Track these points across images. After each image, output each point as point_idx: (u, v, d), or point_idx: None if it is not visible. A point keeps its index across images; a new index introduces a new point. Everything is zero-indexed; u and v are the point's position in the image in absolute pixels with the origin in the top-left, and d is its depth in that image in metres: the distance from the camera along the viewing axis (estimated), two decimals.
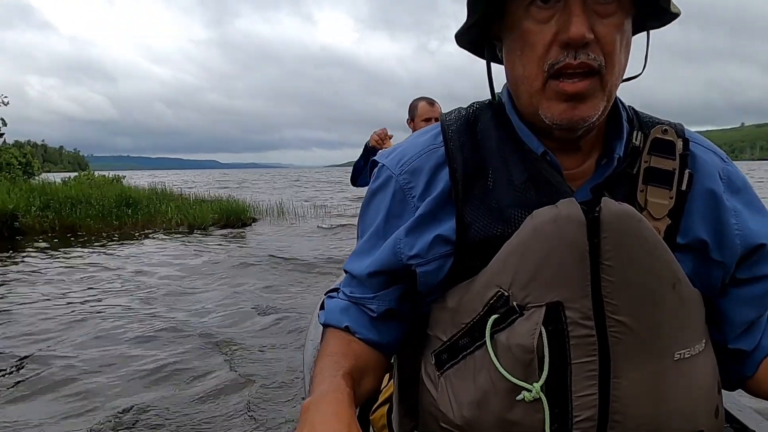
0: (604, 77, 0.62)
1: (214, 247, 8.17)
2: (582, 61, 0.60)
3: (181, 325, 4.05)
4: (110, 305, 4.71)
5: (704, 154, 0.71)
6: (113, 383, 3.03)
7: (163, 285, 5.53)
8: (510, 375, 0.61)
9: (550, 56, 0.61)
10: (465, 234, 0.68)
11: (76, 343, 3.69)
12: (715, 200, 0.69)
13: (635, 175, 0.68)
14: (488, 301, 0.64)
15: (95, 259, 7.20)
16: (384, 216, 0.74)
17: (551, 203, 0.64)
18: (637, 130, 0.70)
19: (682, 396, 0.64)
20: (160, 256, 7.39)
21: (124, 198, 11.20)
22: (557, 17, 0.60)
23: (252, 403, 2.74)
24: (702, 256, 0.69)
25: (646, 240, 0.62)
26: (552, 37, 0.61)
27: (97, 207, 10.50)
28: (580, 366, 0.61)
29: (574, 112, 0.62)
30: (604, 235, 0.61)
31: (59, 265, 6.65)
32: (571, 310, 0.61)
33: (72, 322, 4.18)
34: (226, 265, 6.52)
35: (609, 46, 0.61)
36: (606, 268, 0.61)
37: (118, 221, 10.30)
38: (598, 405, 0.61)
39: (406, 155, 0.74)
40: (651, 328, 0.62)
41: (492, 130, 0.71)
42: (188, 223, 10.51)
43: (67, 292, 5.20)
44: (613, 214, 0.61)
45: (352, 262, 0.77)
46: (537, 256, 0.62)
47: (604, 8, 0.60)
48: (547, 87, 0.63)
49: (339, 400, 0.60)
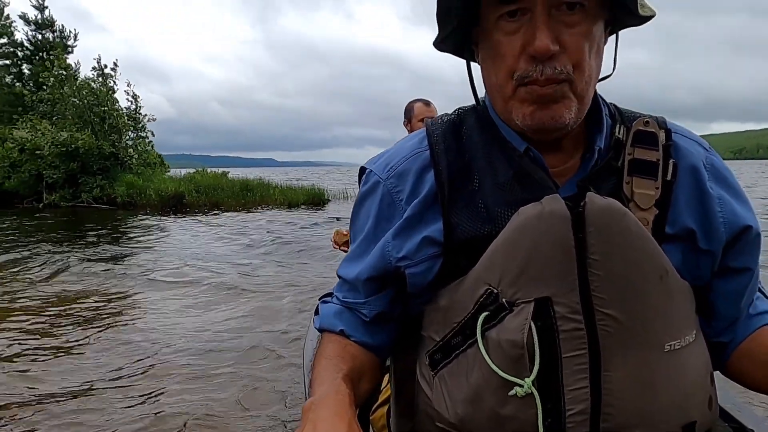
0: (574, 83, 0.63)
1: (305, 216, 13.32)
2: (548, 76, 0.62)
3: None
4: (240, 246, 8.46)
5: (687, 144, 0.72)
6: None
7: (277, 235, 9.41)
8: (501, 371, 0.62)
9: (518, 67, 0.63)
10: (452, 234, 0.69)
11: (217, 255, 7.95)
12: (699, 189, 0.70)
13: (620, 167, 0.69)
14: (478, 299, 0.65)
15: (230, 221, 12.19)
16: (373, 220, 0.75)
17: (537, 200, 0.64)
18: (620, 124, 0.71)
19: (674, 387, 0.64)
20: (272, 220, 12.18)
21: (245, 185, 16.90)
22: (524, 29, 0.62)
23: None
24: (690, 246, 0.69)
25: (632, 232, 0.62)
26: (520, 48, 0.63)
27: (228, 191, 16.19)
28: (571, 360, 0.61)
29: (544, 112, 0.64)
30: (589, 229, 0.61)
31: (209, 225, 11.60)
32: (560, 305, 0.61)
33: (218, 254, 7.91)
34: (311, 221, 11.66)
35: (576, 55, 0.62)
36: (593, 262, 0.61)
37: (244, 200, 15.95)
38: (590, 398, 0.61)
39: (393, 160, 0.75)
40: (640, 320, 0.62)
41: (476, 132, 0.73)
42: (288, 201, 16.02)
43: (216, 239, 9.39)
44: (597, 207, 0.62)
45: (344, 268, 0.79)
46: (524, 253, 0.63)
47: (569, 18, 0.62)
48: (517, 92, 0.65)
49: (340, 401, 0.61)
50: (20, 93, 20.77)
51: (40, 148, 16.80)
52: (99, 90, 17.92)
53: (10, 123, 19.83)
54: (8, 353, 3.54)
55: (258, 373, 3.17)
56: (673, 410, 0.64)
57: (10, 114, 20.59)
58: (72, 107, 17.53)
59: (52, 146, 16.62)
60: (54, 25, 23.41)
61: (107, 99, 17.97)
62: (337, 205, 16.54)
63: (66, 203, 17.03)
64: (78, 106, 17.48)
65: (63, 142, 16.48)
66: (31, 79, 22.62)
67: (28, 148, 17.22)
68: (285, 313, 4.44)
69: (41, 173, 17.23)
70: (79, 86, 17.84)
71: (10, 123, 19.83)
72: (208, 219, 12.79)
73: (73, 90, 17.64)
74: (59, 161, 16.92)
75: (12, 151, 17.66)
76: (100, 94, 17.80)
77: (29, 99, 18.98)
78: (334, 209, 15.08)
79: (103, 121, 17.67)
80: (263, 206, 15.83)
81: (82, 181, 17.29)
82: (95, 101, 17.57)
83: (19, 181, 17.53)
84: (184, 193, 15.76)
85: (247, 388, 2.96)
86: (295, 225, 11.06)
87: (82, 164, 17.14)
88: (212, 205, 15.64)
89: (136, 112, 19.22)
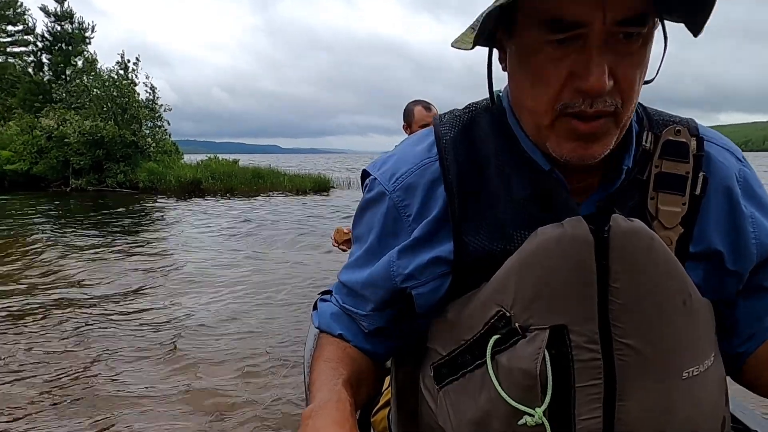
0: (620, 115, 0.58)
1: (311, 201, 14.84)
2: (597, 109, 0.56)
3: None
4: (246, 225, 10.32)
5: (719, 155, 0.67)
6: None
7: (283, 217, 11.59)
8: (512, 399, 0.59)
9: (563, 97, 0.57)
10: (463, 254, 0.65)
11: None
12: (731, 206, 0.65)
13: (645, 181, 0.64)
14: (489, 320, 0.62)
15: (242, 206, 13.65)
16: (378, 233, 0.72)
17: (556, 221, 0.60)
18: (647, 131, 0.66)
19: (689, 414, 0.61)
20: (281, 205, 13.86)
21: (257, 172, 18.27)
22: (573, 57, 0.55)
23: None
24: (716, 265, 0.65)
25: (658, 258, 0.59)
26: (566, 76, 0.56)
27: (241, 178, 17.56)
28: (585, 389, 0.58)
29: (586, 151, 0.59)
30: (613, 255, 0.57)
31: (224, 208, 13.25)
32: (576, 334, 0.58)
33: (227, 235, 9.43)
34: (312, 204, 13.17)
35: (628, 88, 0.57)
36: (614, 290, 0.58)
37: (255, 186, 17.30)
38: (602, 428, 0.58)
39: (399, 170, 0.70)
40: (660, 350, 0.59)
41: (491, 140, 0.68)
42: (295, 188, 17.37)
43: (225, 220, 11.29)
44: (623, 233, 0.58)
45: (346, 274, 0.76)
46: (540, 276, 0.59)
47: (625, 48, 0.55)
48: (557, 123, 0.59)
49: (340, 409, 0.60)
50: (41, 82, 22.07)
51: (67, 137, 18.19)
52: (120, 82, 19.27)
53: (31, 111, 21.20)
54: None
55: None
56: None
57: (32, 102, 21.94)
58: (96, 99, 18.92)
59: (78, 135, 18.03)
60: (73, 17, 24.63)
61: (129, 91, 19.34)
62: (341, 191, 17.92)
63: (92, 187, 18.57)
64: (101, 98, 18.86)
65: (89, 131, 17.91)
66: (51, 69, 23.92)
67: (56, 136, 18.61)
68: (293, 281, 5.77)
69: (68, 159, 18.67)
70: (102, 78, 19.21)
71: (31, 111, 21.20)
72: (225, 203, 14.21)
73: (96, 82, 19.03)
74: (85, 149, 18.36)
75: (39, 139, 19.07)
76: (122, 86, 19.16)
77: (56, 91, 20.35)
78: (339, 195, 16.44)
79: (125, 111, 19.01)
80: (273, 191, 17.19)
81: (107, 167, 18.76)
82: (118, 93, 18.94)
83: (47, 166, 18.96)
84: (201, 180, 17.16)
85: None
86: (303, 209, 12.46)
87: (106, 151, 18.58)
88: (227, 191, 17.01)
89: (154, 102, 20.51)
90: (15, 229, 9.11)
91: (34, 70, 24.68)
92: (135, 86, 19.92)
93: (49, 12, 24.22)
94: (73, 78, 20.13)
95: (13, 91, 23.40)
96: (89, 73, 20.87)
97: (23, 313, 4.30)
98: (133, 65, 20.03)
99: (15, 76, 24.02)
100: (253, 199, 15.41)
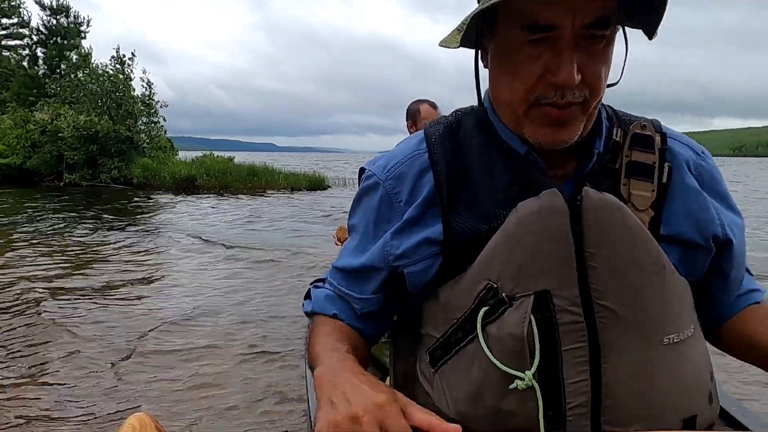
0: (587, 104, 0.65)
1: (306, 199, 14.85)
2: (568, 100, 0.63)
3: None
4: (240, 221, 10.78)
5: (681, 149, 0.74)
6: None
7: (277, 214, 11.94)
8: (502, 364, 0.62)
9: (537, 89, 0.64)
10: (452, 235, 0.69)
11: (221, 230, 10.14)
12: (695, 193, 0.71)
13: (617, 169, 0.70)
14: (478, 295, 0.65)
15: (237, 203, 13.85)
16: (373, 220, 0.76)
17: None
18: (617, 127, 0.72)
19: (673, 380, 0.64)
20: (275, 203, 14.04)
21: (252, 170, 18.19)
22: (547, 56, 0.62)
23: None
24: (686, 245, 0.70)
25: (629, 227, 0.63)
26: (540, 72, 0.63)
27: (236, 175, 17.48)
28: (571, 352, 0.62)
29: (557, 135, 0.65)
30: (586, 222, 0.62)
31: (219, 204, 13.31)
32: (559, 298, 0.62)
33: (223, 233, 9.64)
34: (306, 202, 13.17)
35: (594, 82, 0.64)
36: (590, 255, 0.62)
37: (250, 184, 17.23)
38: (590, 391, 0.61)
39: (391, 161, 0.76)
40: (638, 313, 0.62)
41: (474, 134, 0.73)
42: (290, 186, 17.31)
43: (219, 217, 11.26)
44: (594, 201, 0.63)
45: (343, 260, 0.80)
46: (523, 247, 0.63)
47: (593, 48, 0.62)
48: (532, 112, 0.66)
49: (354, 365, 0.64)
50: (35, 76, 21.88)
51: (61, 131, 18.04)
52: (116, 77, 19.14)
53: (25, 104, 21.02)
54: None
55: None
56: (674, 404, 0.64)
57: (26, 96, 21.76)
58: (90, 93, 18.78)
59: (72, 129, 17.89)
60: (69, 11, 24.45)
61: (124, 86, 19.20)
62: (336, 190, 17.89)
63: (86, 182, 18.39)
64: (96, 93, 18.72)
65: (84, 126, 17.76)
66: (46, 62, 23.75)
67: (50, 131, 18.46)
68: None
69: (62, 154, 18.51)
70: (97, 73, 19.08)
71: (25, 104, 21.02)
72: (219, 200, 14.14)
73: (91, 77, 18.88)
74: (79, 143, 18.20)
75: (33, 133, 18.91)
76: (117, 81, 19.03)
77: (50, 86, 20.18)
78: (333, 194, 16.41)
79: (120, 106, 18.89)
80: (269, 189, 17.15)
81: (101, 163, 18.60)
82: (113, 88, 18.80)
83: (40, 160, 18.80)
84: (196, 176, 17.07)
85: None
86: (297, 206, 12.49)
87: (101, 147, 18.43)
88: (221, 188, 16.94)
89: (150, 98, 20.39)
90: (3, 223, 9.02)
91: (29, 63, 24.49)
92: (131, 81, 19.79)
93: (44, 5, 24.08)
94: (68, 72, 19.95)
95: (7, 85, 23.20)
96: (84, 68, 20.72)
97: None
98: (129, 60, 19.90)
99: (9, 69, 23.82)
100: (248, 196, 15.37)
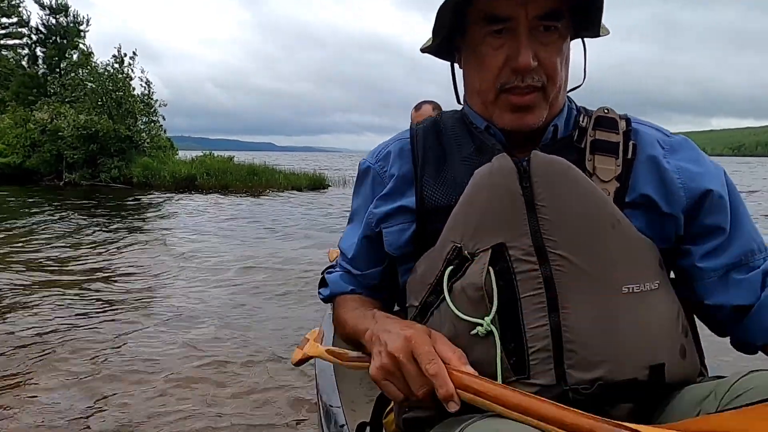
0: (547, 91, 0.74)
1: (307, 198, 14.83)
2: (528, 84, 0.73)
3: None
4: (241, 221, 11.13)
5: (646, 130, 0.80)
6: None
7: (276, 213, 11.94)
8: (464, 315, 0.66)
9: (501, 77, 0.74)
10: (424, 204, 0.78)
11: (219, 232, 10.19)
12: (656, 163, 0.76)
13: (583, 148, 0.76)
14: (446, 257, 0.71)
15: (237, 202, 13.80)
16: (369, 199, 0.87)
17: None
18: (584, 115, 0.81)
19: (636, 328, 0.66)
20: (276, 202, 14.05)
21: (252, 170, 18.17)
22: (507, 45, 0.72)
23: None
24: (652, 211, 0.74)
25: (576, 182, 0.69)
26: (503, 61, 0.73)
27: (236, 175, 17.46)
28: (529, 299, 0.65)
29: (522, 120, 0.75)
30: (534, 179, 0.69)
31: (218, 204, 13.39)
32: (514, 249, 0.67)
33: (222, 232, 10.26)
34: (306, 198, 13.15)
35: (550, 69, 0.73)
36: (541, 208, 0.68)
37: (250, 183, 17.21)
38: (551, 336, 0.64)
39: (380, 148, 0.90)
40: (593, 262, 0.66)
41: (451, 124, 0.85)
42: (291, 185, 17.29)
43: (219, 214, 11.69)
44: (540, 160, 0.70)
45: (344, 240, 0.92)
46: (479, 207, 0.70)
47: (546, 38, 0.72)
48: (499, 99, 0.76)
49: (388, 318, 0.73)
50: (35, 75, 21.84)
51: (61, 130, 17.99)
52: (116, 76, 19.10)
53: (25, 104, 20.98)
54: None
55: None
56: (638, 350, 0.65)
57: (26, 95, 21.73)
58: (90, 92, 18.73)
59: (72, 128, 17.83)
60: (68, 10, 24.41)
61: (124, 85, 19.14)
62: (337, 189, 17.88)
63: (86, 182, 18.34)
64: (96, 92, 18.66)
65: (84, 125, 17.70)
66: (45, 62, 23.71)
67: (50, 130, 18.42)
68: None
69: (61, 153, 18.47)
70: (98, 72, 19.03)
71: (25, 104, 20.98)
72: (219, 199, 14.12)
73: (92, 76, 18.84)
74: (79, 143, 18.14)
75: (33, 132, 18.87)
76: (117, 80, 18.98)
77: (50, 85, 20.13)
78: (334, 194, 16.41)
79: (120, 105, 18.85)
80: (269, 188, 17.14)
81: (101, 162, 18.53)
82: (113, 87, 18.74)
83: (40, 160, 18.76)
84: (196, 176, 17.03)
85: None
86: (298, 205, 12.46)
87: (101, 146, 18.37)
88: (221, 188, 16.91)
89: (149, 97, 20.35)
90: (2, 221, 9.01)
91: (29, 63, 24.46)
92: (131, 80, 19.75)
93: (43, 4, 24.03)
94: (67, 71, 19.90)
95: (7, 84, 23.17)
96: (84, 67, 20.68)
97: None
98: (130, 59, 19.86)
99: (9, 68, 23.79)
100: (249, 196, 15.36)
